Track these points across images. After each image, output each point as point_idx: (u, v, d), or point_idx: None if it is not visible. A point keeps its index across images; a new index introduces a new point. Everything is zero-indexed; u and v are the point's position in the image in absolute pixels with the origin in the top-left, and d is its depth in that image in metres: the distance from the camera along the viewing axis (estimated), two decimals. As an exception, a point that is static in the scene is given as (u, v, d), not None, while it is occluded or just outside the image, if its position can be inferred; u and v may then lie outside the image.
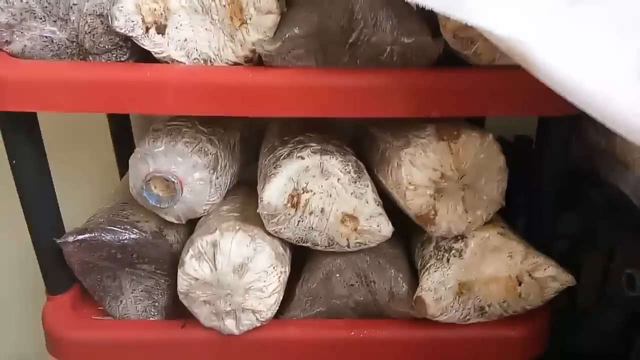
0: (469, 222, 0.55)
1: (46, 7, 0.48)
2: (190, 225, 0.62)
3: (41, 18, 0.48)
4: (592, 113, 0.36)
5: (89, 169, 0.88)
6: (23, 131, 0.53)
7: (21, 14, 0.48)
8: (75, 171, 0.65)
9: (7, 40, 0.49)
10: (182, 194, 0.56)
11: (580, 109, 0.36)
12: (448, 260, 0.57)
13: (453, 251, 0.57)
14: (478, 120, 0.70)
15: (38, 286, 0.63)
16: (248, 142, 0.69)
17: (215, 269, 0.54)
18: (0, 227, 0.93)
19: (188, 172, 0.57)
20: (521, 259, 0.57)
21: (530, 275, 0.57)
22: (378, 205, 0.56)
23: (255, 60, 0.50)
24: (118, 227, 0.59)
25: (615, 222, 0.65)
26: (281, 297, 0.58)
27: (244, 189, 0.67)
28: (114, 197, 0.67)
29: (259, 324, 0.57)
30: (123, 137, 0.80)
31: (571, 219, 0.72)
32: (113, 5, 0.46)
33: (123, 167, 0.80)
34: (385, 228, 0.56)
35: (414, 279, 0.60)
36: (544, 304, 0.58)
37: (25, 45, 0.49)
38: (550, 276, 0.57)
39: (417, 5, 0.39)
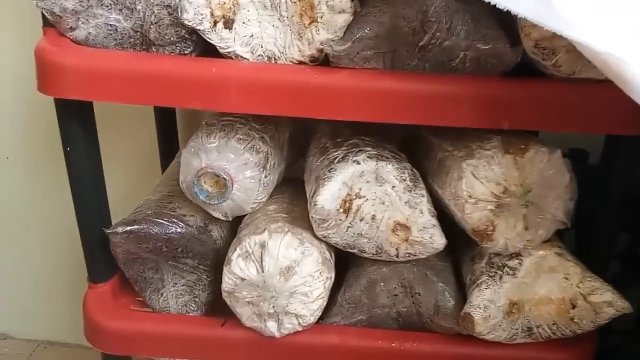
0: (528, 240, 0.53)
1: (113, -6, 0.47)
2: (235, 222, 0.62)
3: (107, 6, 0.48)
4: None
5: (130, 156, 0.88)
6: (79, 119, 0.53)
7: (88, 1, 0.47)
8: (116, 158, 0.65)
9: (71, 27, 0.48)
10: (232, 191, 0.55)
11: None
12: (501, 277, 0.55)
13: (507, 269, 0.55)
14: (532, 131, 0.67)
15: (80, 272, 0.63)
16: (295, 140, 0.68)
17: (262, 270, 0.53)
18: (47, 212, 0.94)
19: (240, 169, 0.56)
20: (577, 282, 0.55)
21: (585, 299, 0.55)
22: (432, 216, 0.54)
23: (321, 60, 0.48)
24: (165, 220, 0.58)
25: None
26: (325, 303, 0.57)
27: (290, 188, 0.66)
28: (159, 189, 0.66)
29: (300, 329, 0.56)
30: (168, 127, 0.79)
31: (626, 240, 0.69)
32: (183, -3, 0.45)
33: (165, 158, 0.80)
34: (438, 240, 0.55)
35: (461, 293, 0.58)
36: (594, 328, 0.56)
37: (89, 33, 0.49)
38: (606, 301, 0.55)
39: (495, 10, 0.37)
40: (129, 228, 0.57)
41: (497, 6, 0.36)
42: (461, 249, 0.62)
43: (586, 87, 0.45)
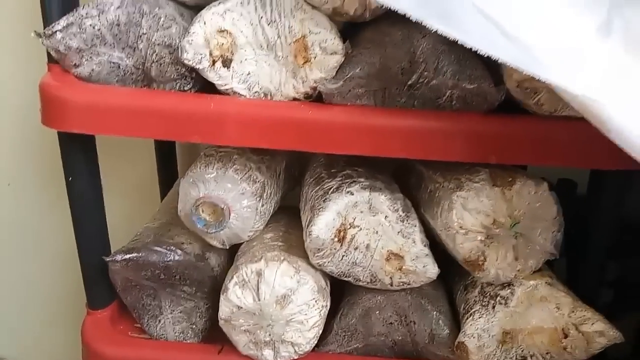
0: (518, 270, 0.54)
1: (116, 34, 0.50)
2: (232, 250, 0.63)
3: (110, 45, 0.50)
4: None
5: (129, 183, 0.89)
6: (81, 151, 0.55)
7: (92, 40, 0.50)
8: (115, 185, 0.66)
9: (75, 64, 0.51)
10: (229, 220, 0.57)
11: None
12: (494, 307, 0.56)
13: (499, 298, 0.56)
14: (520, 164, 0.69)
15: (78, 298, 0.64)
16: (291, 170, 0.70)
17: (258, 299, 0.54)
18: (46, 239, 0.95)
19: (237, 199, 0.57)
20: (569, 312, 0.56)
21: (577, 328, 0.56)
22: (425, 245, 0.55)
23: (315, 96, 0.50)
24: (163, 248, 0.59)
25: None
26: (321, 331, 0.57)
27: (285, 216, 0.67)
28: (158, 217, 0.68)
29: (296, 357, 0.57)
30: (167, 156, 0.81)
31: (614, 267, 0.70)
32: (183, 38, 0.47)
33: (164, 186, 0.81)
34: (431, 270, 0.56)
35: (455, 322, 0.59)
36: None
37: (92, 69, 0.51)
38: (597, 331, 0.56)
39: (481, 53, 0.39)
40: (128, 256, 0.58)
41: (479, 51, 0.38)
42: (454, 277, 0.63)
43: (569, 123, 0.47)
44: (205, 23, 0.47)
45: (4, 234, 0.96)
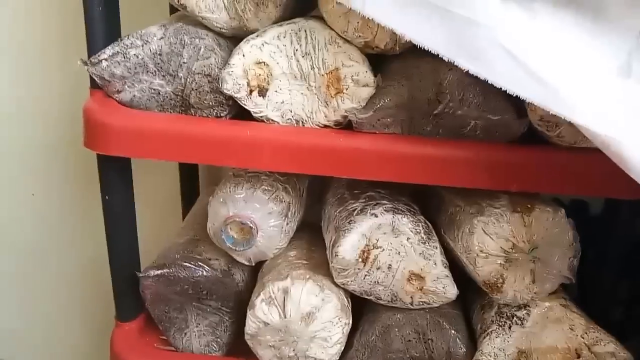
0: (535, 292, 0.57)
1: (158, 63, 0.52)
2: (255, 266, 0.65)
3: (152, 72, 0.53)
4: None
5: (152, 198, 0.91)
6: (118, 172, 0.57)
7: (135, 68, 0.52)
8: (141, 200, 0.69)
9: (118, 90, 0.53)
10: (257, 238, 0.59)
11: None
12: (510, 327, 0.58)
13: (515, 319, 0.58)
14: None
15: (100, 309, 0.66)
16: (313, 188, 0.72)
17: (284, 316, 0.57)
18: (70, 250, 0.97)
19: (264, 218, 0.60)
20: (582, 332, 0.58)
21: (589, 349, 0.58)
22: (445, 267, 0.58)
23: (345, 124, 0.53)
24: (192, 264, 0.62)
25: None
26: (342, 348, 0.59)
27: (307, 233, 0.70)
28: (184, 232, 0.70)
29: (319, 372, 0.59)
30: (190, 172, 0.84)
31: (625, 286, 0.72)
32: (223, 69, 0.50)
33: (187, 201, 0.84)
34: (450, 291, 0.58)
35: (472, 341, 0.61)
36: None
37: (134, 96, 0.53)
38: (609, 352, 0.57)
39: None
40: (159, 272, 0.60)
41: (507, 91, 0.40)
42: (471, 296, 0.65)
43: (588, 155, 0.49)
44: (244, 55, 0.50)
45: (28, 244, 0.98)
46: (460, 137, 0.52)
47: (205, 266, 0.62)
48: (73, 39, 0.60)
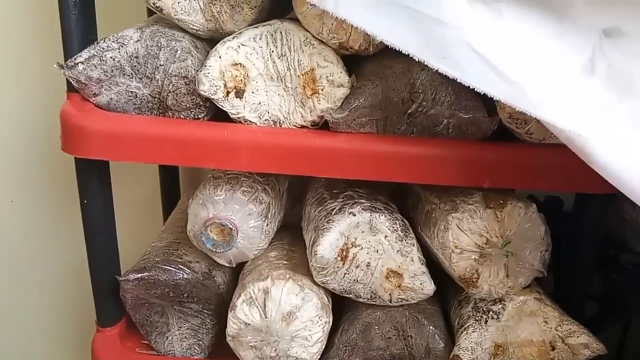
0: (509, 287, 0.58)
1: (135, 66, 0.52)
2: (236, 267, 0.65)
3: (129, 75, 0.53)
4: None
5: (133, 202, 0.91)
6: (97, 175, 0.57)
7: (112, 71, 0.53)
8: (120, 203, 0.69)
9: (95, 93, 0.53)
10: (237, 240, 0.59)
11: (633, 200, 0.40)
12: (486, 321, 0.59)
13: (491, 313, 0.59)
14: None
15: (80, 315, 0.65)
16: (292, 190, 0.73)
17: (265, 316, 0.57)
18: (48, 256, 0.96)
19: (244, 219, 0.60)
20: (556, 325, 0.59)
21: (563, 341, 0.59)
22: (422, 264, 0.59)
23: (321, 124, 0.54)
24: (173, 267, 0.62)
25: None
26: (323, 347, 0.60)
27: (288, 234, 0.70)
28: (165, 235, 0.70)
29: (300, 371, 0.60)
30: (170, 175, 0.84)
31: (598, 281, 0.74)
32: (200, 70, 0.50)
33: (167, 204, 0.84)
34: (428, 287, 0.59)
35: (450, 336, 0.62)
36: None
37: (111, 99, 0.54)
38: (582, 343, 0.59)
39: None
40: (139, 275, 0.60)
41: (475, 89, 0.42)
42: (448, 293, 0.66)
43: (556, 151, 0.51)
44: (220, 57, 0.51)
45: (6, 252, 0.97)
46: (433, 136, 0.53)
47: (186, 269, 0.62)
48: (50, 43, 0.60)
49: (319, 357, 0.60)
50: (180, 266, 0.62)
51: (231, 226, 0.59)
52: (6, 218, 0.96)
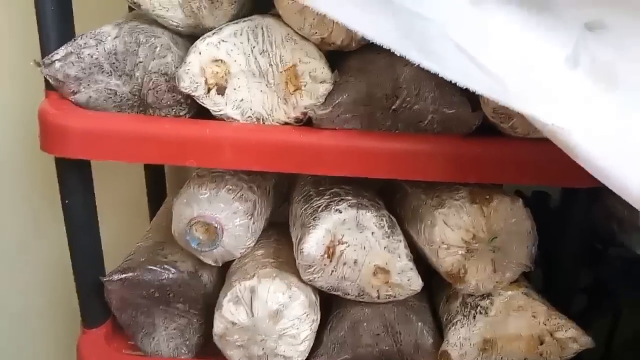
0: (497, 282, 0.58)
1: (114, 63, 0.52)
2: (223, 266, 0.65)
3: (108, 72, 0.52)
4: (627, 199, 0.39)
5: (118, 201, 0.90)
6: (78, 175, 0.56)
7: (90, 69, 0.52)
8: (105, 203, 0.68)
9: (73, 91, 0.52)
10: (222, 238, 0.59)
11: (615, 192, 0.40)
12: (474, 317, 0.59)
13: (479, 308, 0.59)
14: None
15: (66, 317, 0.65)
16: (279, 187, 0.72)
17: (252, 315, 0.57)
18: (35, 257, 0.95)
19: (230, 218, 0.59)
20: (544, 319, 0.59)
21: (551, 335, 0.59)
22: (410, 260, 0.58)
23: (305, 121, 0.53)
24: (158, 267, 0.61)
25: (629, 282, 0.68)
26: (311, 345, 0.60)
27: (275, 232, 0.70)
28: (150, 235, 0.69)
29: (288, 370, 0.59)
30: (156, 174, 0.83)
31: (587, 275, 0.74)
32: (180, 67, 0.49)
33: (153, 203, 0.83)
34: (415, 283, 0.59)
35: (438, 332, 0.62)
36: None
37: (90, 97, 0.53)
38: (570, 337, 0.59)
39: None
40: (124, 275, 0.59)
41: (457, 83, 0.41)
42: (436, 289, 0.66)
43: (541, 145, 0.51)
44: (200, 53, 0.50)
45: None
46: (418, 131, 0.53)
47: (172, 269, 0.62)
48: (28, 40, 0.59)
49: (307, 355, 0.59)
50: (166, 266, 0.61)
51: (216, 225, 0.58)
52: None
